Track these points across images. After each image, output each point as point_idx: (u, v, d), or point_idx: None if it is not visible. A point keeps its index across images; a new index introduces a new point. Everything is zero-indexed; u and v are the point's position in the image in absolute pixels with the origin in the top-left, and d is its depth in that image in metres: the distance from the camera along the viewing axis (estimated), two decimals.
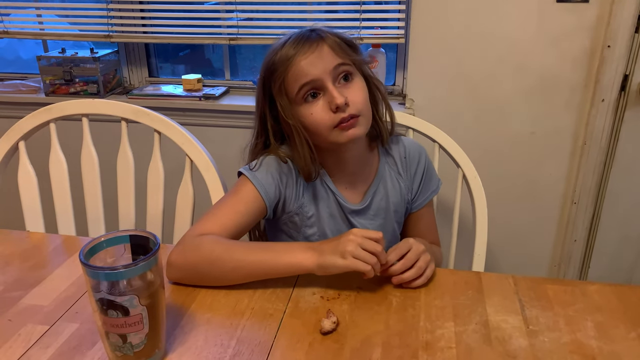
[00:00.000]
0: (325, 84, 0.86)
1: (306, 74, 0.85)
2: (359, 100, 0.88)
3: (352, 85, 0.88)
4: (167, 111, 1.58)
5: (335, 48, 0.87)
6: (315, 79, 0.85)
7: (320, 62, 0.86)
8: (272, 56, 0.88)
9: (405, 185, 1.03)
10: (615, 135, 1.63)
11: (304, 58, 0.85)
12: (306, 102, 0.88)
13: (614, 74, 1.54)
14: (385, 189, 1.01)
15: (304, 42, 0.87)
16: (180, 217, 1.14)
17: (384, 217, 1.01)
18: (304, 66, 0.85)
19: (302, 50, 0.86)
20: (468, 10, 1.57)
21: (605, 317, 0.75)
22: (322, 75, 0.85)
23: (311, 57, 0.85)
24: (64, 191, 1.17)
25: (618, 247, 1.77)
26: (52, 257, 0.93)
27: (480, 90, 1.65)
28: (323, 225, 0.98)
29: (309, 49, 0.86)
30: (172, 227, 1.15)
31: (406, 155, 1.03)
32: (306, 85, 0.86)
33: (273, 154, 0.94)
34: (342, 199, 0.97)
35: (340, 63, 0.87)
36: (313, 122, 0.87)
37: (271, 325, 0.73)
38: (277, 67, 0.87)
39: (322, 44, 0.87)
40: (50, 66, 1.87)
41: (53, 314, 0.76)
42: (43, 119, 1.15)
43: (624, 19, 1.48)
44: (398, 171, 1.02)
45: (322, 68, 0.85)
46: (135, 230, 0.67)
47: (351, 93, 0.87)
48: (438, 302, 0.78)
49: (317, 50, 0.86)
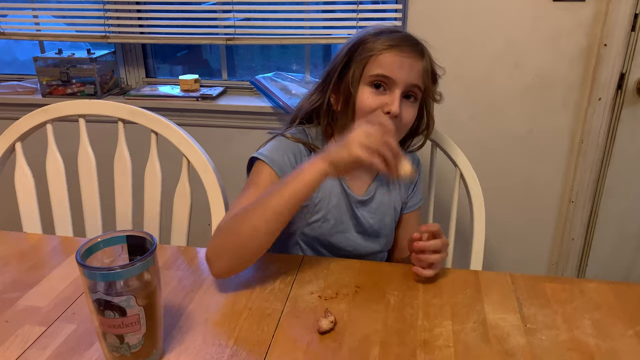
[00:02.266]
0: (395, 89, 0.91)
1: (391, 69, 0.91)
2: (406, 120, 0.95)
3: (409, 107, 0.94)
4: (165, 112, 1.58)
5: (425, 72, 0.94)
6: (394, 78, 0.91)
7: (408, 71, 0.92)
8: (374, 33, 0.94)
9: (404, 185, 1.06)
10: (612, 133, 1.63)
11: (400, 56, 0.91)
12: (370, 86, 0.92)
13: (610, 72, 1.54)
14: (388, 185, 1.04)
15: (410, 44, 0.93)
16: (178, 217, 1.14)
17: (385, 212, 1.03)
18: (395, 62, 0.91)
19: (405, 49, 0.92)
20: (464, 9, 1.57)
21: (603, 315, 0.75)
22: (400, 81, 0.91)
23: (406, 60, 0.91)
24: (61, 192, 1.17)
25: (616, 245, 1.77)
26: (49, 258, 0.93)
27: (477, 89, 1.65)
28: (327, 212, 0.99)
29: (409, 54, 0.92)
30: (169, 228, 1.15)
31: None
32: (383, 77, 0.91)
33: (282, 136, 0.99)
34: (347, 188, 0.99)
35: (418, 85, 0.94)
36: (363, 104, 0.92)
37: (269, 325, 0.73)
38: (375, 43, 0.92)
39: (421, 59, 0.94)
40: (47, 67, 1.86)
41: (50, 315, 0.76)
42: (40, 120, 1.15)
43: (620, 17, 1.48)
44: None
45: (405, 77, 0.91)
46: (132, 230, 0.67)
47: (405, 111, 0.93)
48: (436, 300, 0.79)
49: (414, 60, 0.92)
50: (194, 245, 0.98)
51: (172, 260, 0.91)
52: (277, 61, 2.20)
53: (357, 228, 1.02)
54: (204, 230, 1.15)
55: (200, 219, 1.21)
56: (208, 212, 1.08)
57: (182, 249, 0.96)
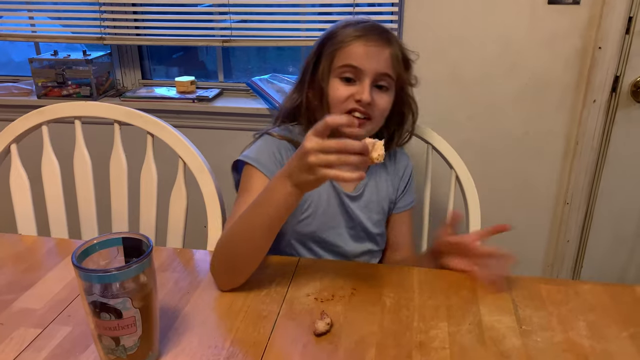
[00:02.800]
0: (365, 78, 0.91)
1: (358, 59, 0.91)
2: (380, 108, 0.94)
3: (382, 95, 0.94)
4: (161, 113, 1.58)
5: (394, 58, 0.94)
6: (361, 68, 0.91)
7: (374, 59, 0.92)
8: (342, 26, 0.95)
9: (393, 184, 1.07)
10: (606, 135, 1.64)
11: (366, 45, 0.92)
12: (339, 79, 0.93)
13: (605, 75, 1.55)
14: (377, 184, 1.04)
15: (375, 33, 0.93)
16: (174, 219, 1.14)
17: (373, 209, 1.04)
18: (361, 52, 0.91)
19: (371, 38, 0.92)
20: (460, 11, 1.58)
21: (598, 317, 0.76)
22: (369, 70, 0.91)
23: (372, 49, 0.92)
24: (56, 194, 1.16)
25: (610, 247, 1.78)
26: (44, 260, 0.93)
27: (473, 91, 1.66)
28: (317, 208, 0.99)
29: (374, 41, 0.92)
30: (165, 230, 1.15)
31: (396, 159, 1.09)
32: (351, 67, 0.92)
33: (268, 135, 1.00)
34: (336, 184, 1.00)
35: (387, 74, 0.93)
36: (334, 96, 0.93)
37: (265, 326, 0.73)
38: (340, 36, 0.94)
39: (388, 47, 0.94)
40: (43, 68, 1.86)
41: (45, 317, 0.75)
42: (35, 122, 1.15)
43: (614, 20, 1.49)
44: (387, 171, 1.07)
45: (373, 66, 0.91)
46: (128, 232, 0.67)
47: (378, 99, 0.93)
48: (432, 302, 0.79)
49: (380, 48, 0.92)
50: (190, 247, 0.98)
51: (168, 262, 0.90)
52: (273, 63, 2.20)
53: (348, 223, 1.02)
54: (200, 232, 1.15)
55: (197, 220, 1.21)
56: (204, 214, 1.08)
57: (178, 250, 0.96)
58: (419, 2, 1.59)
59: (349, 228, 1.02)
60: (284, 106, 1.05)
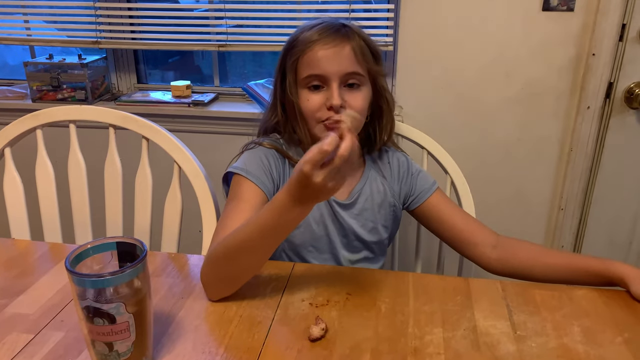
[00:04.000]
0: (331, 83, 0.89)
1: (318, 66, 0.88)
2: (357, 107, 0.91)
3: (355, 94, 0.91)
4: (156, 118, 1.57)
5: (357, 53, 0.90)
6: (324, 74, 0.89)
7: (335, 61, 0.88)
8: (297, 33, 0.93)
9: (390, 188, 1.04)
10: (600, 142, 1.65)
11: (323, 49, 0.88)
12: (307, 88, 0.91)
13: (599, 81, 1.56)
14: (371, 189, 1.02)
15: (330, 32, 0.90)
16: (169, 224, 1.13)
17: (368, 217, 1.02)
18: (320, 57, 0.88)
19: (326, 40, 0.89)
20: (455, 18, 1.59)
21: (592, 322, 0.76)
22: (332, 74, 0.88)
23: (330, 51, 0.88)
24: (50, 198, 1.16)
25: (604, 252, 1.78)
26: (38, 264, 0.92)
27: (468, 98, 1.67)
28: (308, 217, 0.97)
29: (332, 42, 0.88)
30: (160, 234, 1.14)
31: (389, 160, 1.06)
32: (314, 76, 0.89)
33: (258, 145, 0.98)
34: None
35: (354, 72, 0.90)
36: (305, 108, 0.91)
37: (260, 332, 0.73)
38: (297, 45, 0.91)
39: (347, 43, 0.89)
40: (38, 72, 1.85)
41: (38, 323, 0.75)
42: (30, 125, 1.14)
43: (608, 27, 1.50)
44: (383, 175, 1.05)
45: (335, 68, 0.88)
46: (122, 237, 0.66)
47: (351, 99, 0.90)
48: (427, 307, 0.79)
49: (339, 47, 0.89)
50: (184, 252, 0.97)
51: (163, 267, 0.90)
52: (269, 68, 2.20)
53: (340, 232, 1.01)
54: (195, 237, 1.14)
55: (191, 225, 1.21)
56: (199, 219, 1.08)
57: (173, 255, 0.95)
58: (415, 9, 1.60)
59: (341, 236, 1.01)
60: (263, 125, 1.03)
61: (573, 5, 1.51)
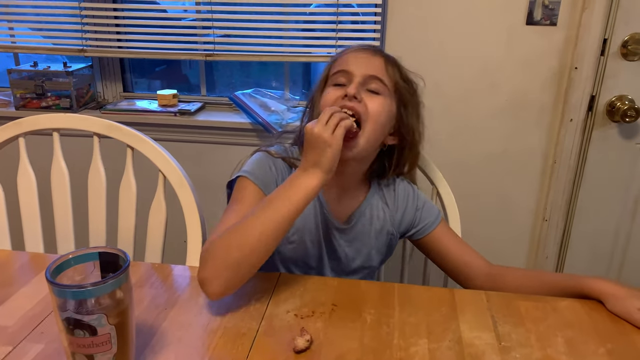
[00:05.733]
0: (353, 79, 0.91)
1: (346, 64, 0.93)
2: (372, 110, 0.90)
3: (374, 97, 0.92)
4: (142, 127, 1.56)
5: (386, 65, 0.95)
6: (349, 71, 0.92)
7: (363, 64, 0.93)
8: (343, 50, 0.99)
9: (390, 216, 1.03)
10: (583, 154, 1.68)
11: (354, 54, 0.95)
12: (332, 85, 0.95)
13: (581, 94, 1.59)
14: (371, 214, 1.02)
15: (369, 47, 0.98)
16: (153, 233, 1.12)
17: (363, 241, 1.01)
18: (350, 58, 0.95)
19: (360, 50, 0.96)
20: (441, 31, 1.61)
21: (575, 333, 0.76)
22: (357, 72, 0.92)
23: (360, 55, 0.95)
24: (32, 207, 1.14)
25: (588, 263, 1.80)
26: (18, 275, 0.90)
27: (453, 109, 1.68)
28: (304, 233, 0.97)
29: (364, 51, 0.96)
30: (144, 244, 1.13)
31: (395, 189, 1.05)
32: (340, 72, 0.93)
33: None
34: (327, 212, 0.98)
35: (377, 76, 0.92)
36: (324, 100, 0.93)
37: (244, 344, 0.72)
38: (337, 55, 0.98)
39: (381, 56, 0.96)
40: (22, 80, 1.84)
41: (17, 335, 0.73)
42: (12, 133, 1.13)
43: (590, 42, 1.53)
44: (386, 202, 1.03)
45: (362, 69, 0.92)
46: (104, 247, 0.65)
47: (369, 100, 0.91)
48: (412, 319, 0.79)
49: (369, 54, 0.95)
50: (168, 262, 0.96)
51: (146, 278, 0.89)
52: (256, 78, 2.20)
53: (331, 255, 1.00)
54: (179, 247, 1.13)
55: (176, 235, 1.20)
56: (184, 229, 1.07)
57: (156, 266, 0.94)
58: (401, 22, 1.61)
59: (332, 260, 1.01)
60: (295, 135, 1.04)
61: (556, 20, 1.54)
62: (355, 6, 1.72)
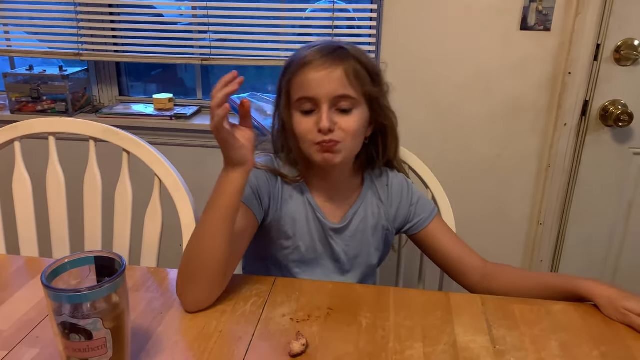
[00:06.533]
0: (322, 105, 0.88)
1: (309, 89, 0.88)
2: (346, 129, 0.89)
3: (347, 116, 0.90)
4: (138, 130, 1.57)
5: (349, 75, 0.88)
6: (314, 97, 0.88)
7: (326, 84, 0.87)
8: (294, 55, 0.92)
9: (385, 212, 1.03)
10: (577, 158, 1.69)
11: (314, 72, 0.87)
12: (300, 112, 0.91)
13: (575, 99, 1.60)
14: (366, 212, 1.02)
15: (324, 54, 0.89)
16: (148, 238, 1.12)
17: (361, 239, 1.01)
18: (311, 80, 0.88)
19: (318, 62, 0.88)
20: (436, 37, 1.62)
21: (570, 336, 0.77)
22: (323, 97, 0.87)
23: (321, 74, 0.87)
24: (27, 211, 1.14)
25: (582, 266, 1.81)
26: (13, 279, 0.90)
27: (448, 114, 1.69)
28: (298, 239, 0.98)
29: (323, 65, 0.87)
30: (139, 248, 1.13)
31: (388, 183, 1.04)
32: (305, 99, 0.89)
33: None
34: (321, 216, 0.98)
35: (345, 95, 0.88)
36: (299, 131, 0.91)
37: (240, 348, 0.72)
38: (291, 66, 0.91)
39: (339, 66, 0.88)
40: (17, 83, 1.83)
41: (12, 339, 0.73)
42: (8, 137, 1.13)
43: (583, 47, 1.54)
44: (379, 197, 1.03)
45: (325, 92, 0.87)
46: (100, 251, 0.65)
47: (343, 122, 0.89)
48: (407, 322, 0.79)
49: (331, 70, 0.87)
50: (164, 267, 0.96)
51: (142, 282, 0.89)
52: (252, 82, 2.21)
53: (331, 256, 1.01)
54: (175, 251, 1.13)
55: (172, 239, 1.20)
56: (179, 233, 1.07)
57: (152, 270, 0.94)
58: (397, 25, 1.62)
59: (333, 261, 1.01)
60: (272, 139, 1.03)
61: (550, 25, 1.55)
62: (351, 11, 1.73)
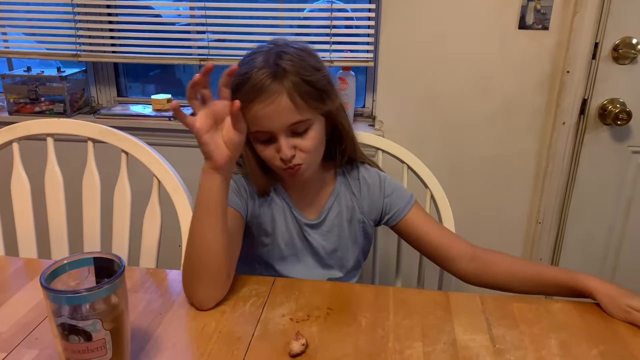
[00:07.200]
0: (278, 136, 0.88)
1: (261, 124, 0.87)
2: (306, 150, 0.90)
3: (303, 139, 0.90)
4: (136, 131, 1.56)
5: (295, 100, 0.86)
6: (269, 131, 0.88)
7: (276, 118, 0.86)
8: (240, 76, 0.88)
9: (358, 205, 1.04)
10: (576, 157, 1.69)
11: (263, 106, 0.85)
12: (258, 141, 0.91)
13: (573, 98, 1.60)
14: (340, 206, 1.03)
15: (265, 83, 0.85)
16: (147, 238, 1.12)
17: (338, 233, 1.03)
18: (261, 117, 0.86)
19: (263, 95, 0.85)
20: (434, 35, 1.62)
21: (569, 335, 0.77)
22: (276, 129, 0.87)
23: (269, 108, 0.85)
24: (26, 212, 1.13)
25: (581, 265, 1.81)
26: (11, 280, 0.90)
27: (447, 113, 1.69)
28: (277, 236, 0.99)
29: (268, 99, 0.85)
30: (138, 249, 1.13)
31: (359, 177, 1.04)
32: (261, 132, 0.89)
33: None
34: (297, 213, 1.00)
35: (297, 122, 0.87)
36: (263, 157, 0.92)
37: (239, 348, 0.72)
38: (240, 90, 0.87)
39: (283, 93, 0.85)
40: (15, 85, 1.83)
41: (11, 341, 0.73)
42: (6, 139, 1.13)
43: (581, 46, 1.54)
44: (352, 191, 1.04)
45: (278, 125, 0.87)
46: (99, 252, 0.65)
47: (301, 144, 0.89)
48: (407, 322, 0.79)
49: (277, 101, 0.85)
50: (163, 267, 0.96)
51: (141, 283, 0.89)
52: None
53: (310, 252, 1.02)
54: (174, 252, 1.13)
55: (171, 240, 1.20)
56: (178, 233, 1.07)
57: (151, 271, 0.94)
58: (395, 27, 1.62)
59: (312, 255, 1.02)
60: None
61: (548, 24, 1.55)
62: (350, 11, 1.73)
